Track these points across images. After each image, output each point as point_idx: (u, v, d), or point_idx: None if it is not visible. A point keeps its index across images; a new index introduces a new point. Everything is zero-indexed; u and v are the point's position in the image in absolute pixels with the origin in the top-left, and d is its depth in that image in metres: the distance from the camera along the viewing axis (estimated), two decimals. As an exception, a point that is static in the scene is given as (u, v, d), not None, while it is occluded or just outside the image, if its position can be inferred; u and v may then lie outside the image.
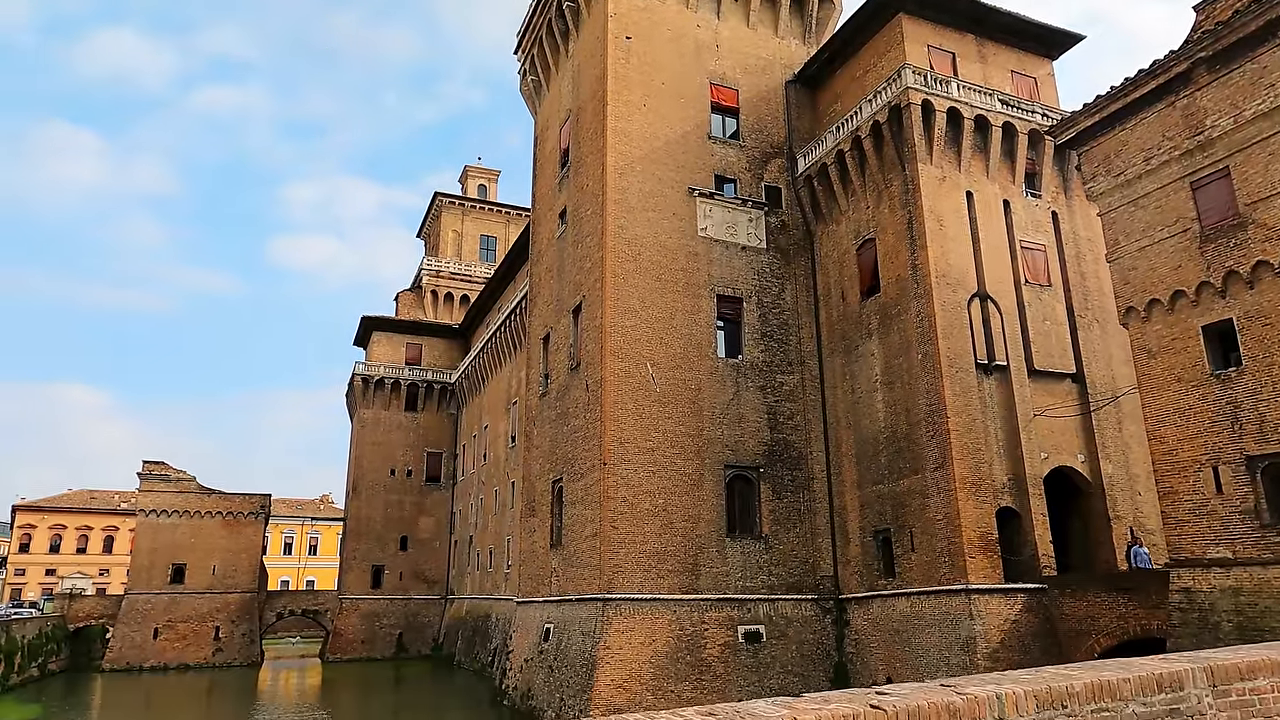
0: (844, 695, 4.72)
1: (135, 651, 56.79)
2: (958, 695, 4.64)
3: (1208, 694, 5.36)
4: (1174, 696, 5.25)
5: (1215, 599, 18.75)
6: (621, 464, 29.67)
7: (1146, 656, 6.04)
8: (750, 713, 4.33)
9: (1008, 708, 4.70)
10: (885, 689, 4.90)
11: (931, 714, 4.48)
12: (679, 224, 33.32)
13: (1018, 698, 4.75)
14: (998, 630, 25.55)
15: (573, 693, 28.26)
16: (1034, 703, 4.79)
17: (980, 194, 30.82)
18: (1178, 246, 20.44)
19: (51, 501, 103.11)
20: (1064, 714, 4.86)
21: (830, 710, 4.31)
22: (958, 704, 4.57)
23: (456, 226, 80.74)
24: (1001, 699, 4.70)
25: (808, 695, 4.77)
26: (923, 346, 28.84)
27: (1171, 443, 20.20)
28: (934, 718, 4.48)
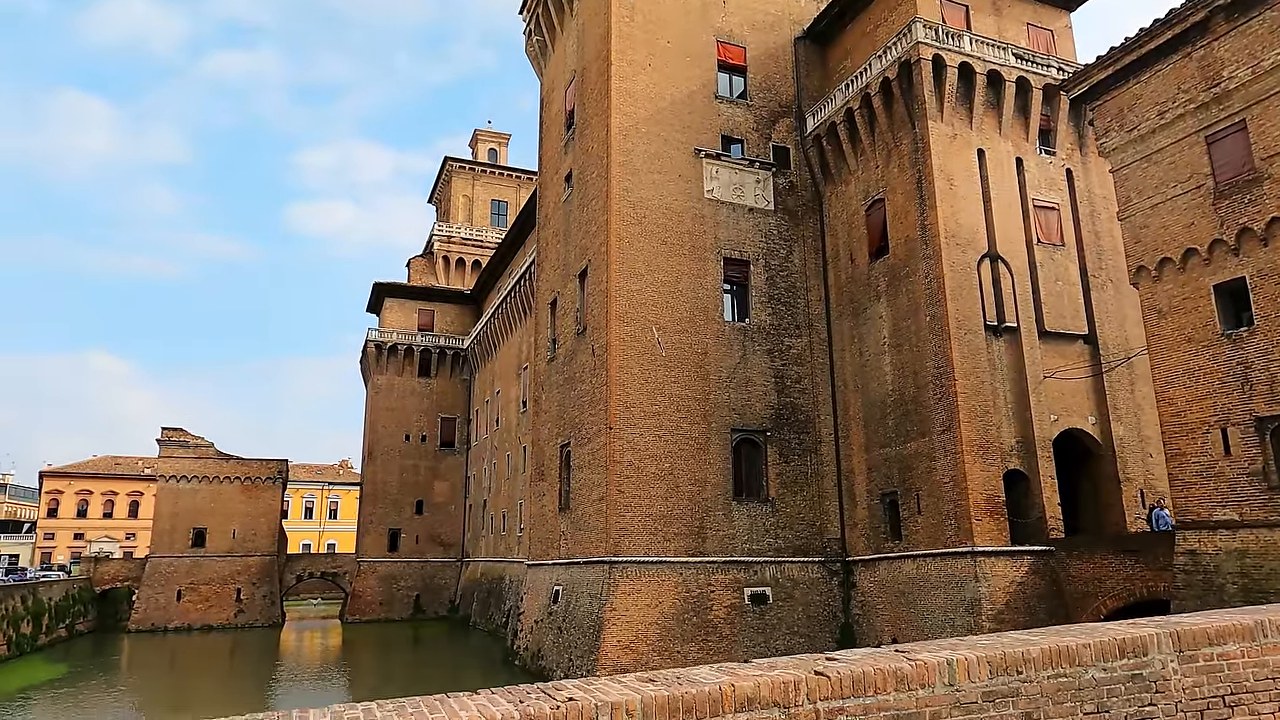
0: (791, 661, 4.66)
1: (160, 613, 58.14)
2: (907, 662, 4.57)
3: (1173, 659, 5.26)
4: (1137, 662, 5.15)
5: (1221, 561, 18.58)
6: (627, 428, 29.69)
7: (1118, 621, 5.93)
8: (690, 678, 4.27)
9: (959, 674, 4.62)
10: (835, 655, 4.83)
11: (878, 680, 4.41)
12: (685, 186, 32.89)
13: (970, 664, 4.66)
14: (1003, 592, 25.53)
15: (580, 653, 28.64)
16: (987, 669, 4.70)
17: (992, 152, 30.14)
18: (1191, 203, 19.90)
19: (77, 468, 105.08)
20: (1019, 680, 4.77)
21: (771, 677, 4.25)
22: (906, 670, 4.50)
23: (467, 191, 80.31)
24: (953, 665, 4.62)
25: (755, 661, 4.71)
26: (931, 308, 28.47)
27: (1180, 404, 19.88)
28: (881, 685, 4.41)
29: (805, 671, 4.36)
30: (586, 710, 3.79)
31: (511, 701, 3.86)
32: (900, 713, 4.41)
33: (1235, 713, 5.37)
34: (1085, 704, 4.93)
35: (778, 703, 4.16)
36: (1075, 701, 4.91)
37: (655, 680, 4.24)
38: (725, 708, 4.04)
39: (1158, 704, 5.14)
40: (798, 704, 4.20)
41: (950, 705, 4.55)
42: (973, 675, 4.65)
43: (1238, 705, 5.39)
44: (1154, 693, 5.15)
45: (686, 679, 4.25)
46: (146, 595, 58.54)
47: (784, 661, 4.65)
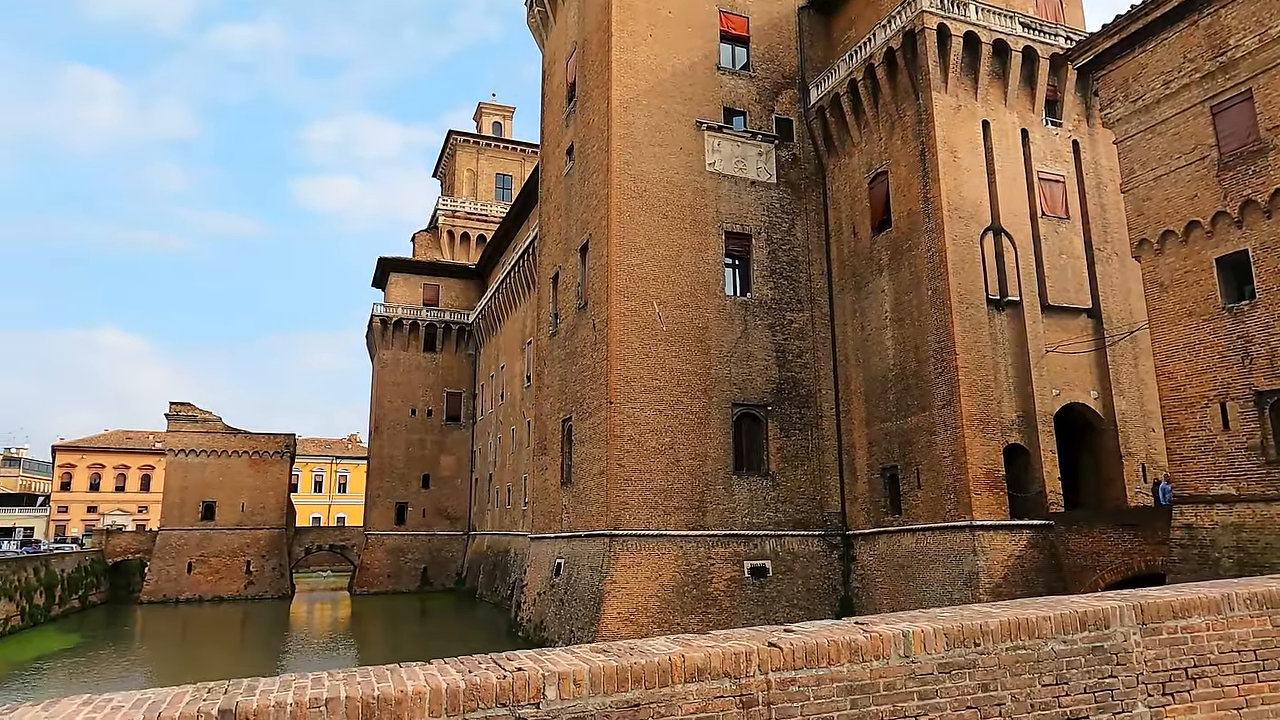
0: (747, 633, 4.69)
1: (171, 584, 59.01)
2: (862, 633, 4.59)
3: (1135, 632, 5.27)
4: (1098, 634, 5.16)
5: (1217, 535, 18.56)
6: (628, 403, 29.74)
7: (1085, 594, 5.94)
8: (642, 649, 4.30)
9: (915, 646, 4.64)
10: (793, 626, 4.86)
11: (831, 652, 4.43)
12: (686, 159, 32.63)
13: (926, 636, 4.68)
14: (1001, 566, 25.62)
15: (581, 625, 28.94)
16: (944, 641, 4.72)
17: (997, 123, 29.75)
18: (1194, 175, 19.64)
19: (89, 442, 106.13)
20: (976, 652, 4.79)
21: (723, 648, 4.28)
22: (861, 642, 4.52)
23: (471, 165, 79.91)
24: (909, 637, 4.64)
25: (713, 632, 4.74)
26: (933, 282, 28.29)
27: (1180, 378, 19.76)
28: (834, 656, 4.43)
29: (759, 643, 4.39)
30: (534, 680, 3.82)
31: (460, 671, 3.90)
32: (854, 684, 4.44)
33: (1198, 684, 5.39)
34: (1044, 676, 4.95)
35: (729, 673, 4.19)
36: (1033, 673, 4.93)
37: (608, 651, 4.28)
38: (675, 678, 4.07)
39: (1118, 675, 5.16)
40: (749, 674, 4.23)
41: (905, 677, 4.58)
42: (929, 647, 4.67)
43: (1200, 677, 5.40)
44: (1115, 665, 5.17)
45: (639, 650, 4.28)
46: (157, 567, 59.38)
47: (740, 633, 4.68)
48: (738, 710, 4.17)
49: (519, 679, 3.81)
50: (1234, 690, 5.49)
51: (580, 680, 3.89)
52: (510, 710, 3.75)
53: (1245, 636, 5.61)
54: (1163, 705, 5.25)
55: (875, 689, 4.49)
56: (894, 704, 4.52)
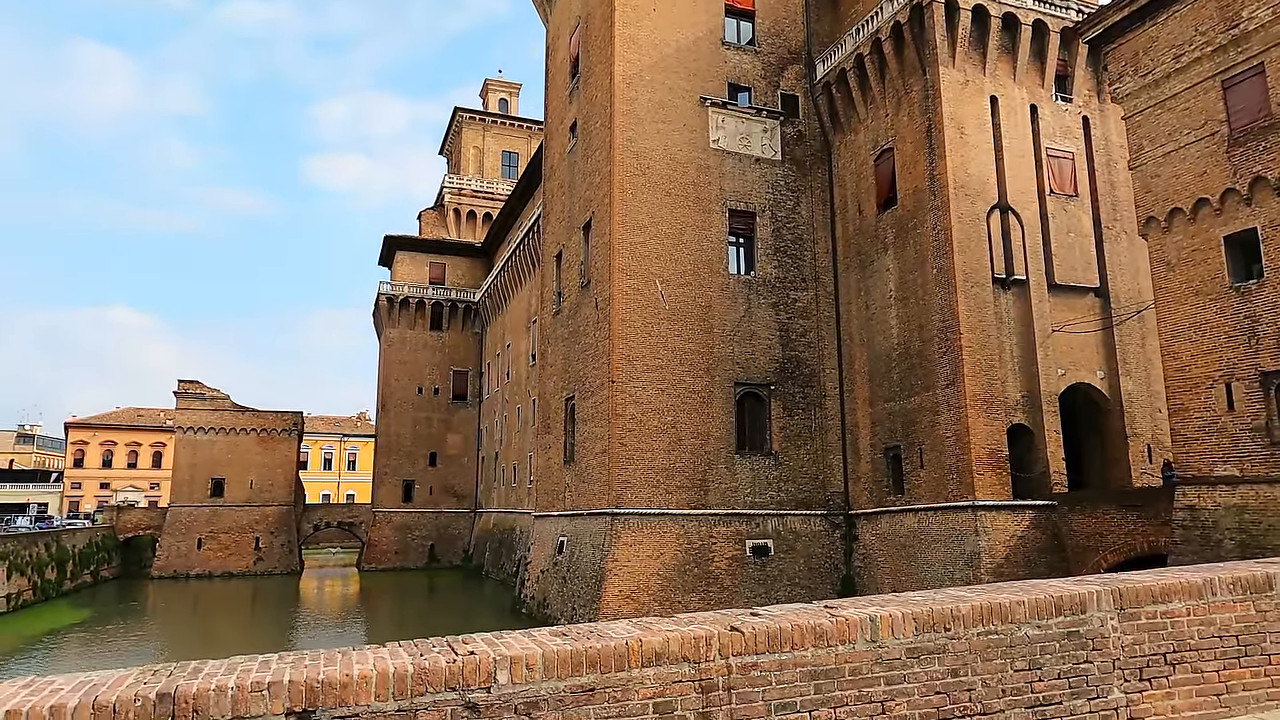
0: (710, 616, 4.61)
1: (181, 560, 59.68)
2: (828, 617, 4.51)
3: (1113, 616, 5.17)
4: (1073, 619, 5.07)
5: (1219, 516, 18.41)
6: (630, 382, 29.67)
7: (1062, 578, 5.84)
8: (602, 632, 4.24)
9: (882, 630, 4.56)
10: (759, 610, 4.78)
11: (795, 636, 4.35)
12: (690, 136, 32.29)
13: (894, 620, 4.60)
14: (1003, 546, 25.55)
15: (583, 603, 29.09)
16: (913, 625, 4.64)
17: (1005, 98, 29.28)
18: (1204, 151, 19.27)
19: (101, 419, 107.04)
20: (946, 637, 4.71)
21: (683, 632, 4.20)
22: (826, 626, 4.44)
23: (478, 143, 79.48)
24: (876, 621, 4.56)
25: (677, 616, 4.67)
26: (938, 260, 28.00)
27: (1185, 358, 19.52)
28: (798, 641, 4.36)
29: (720, 627, 4.31)
30: (485, 664, 3.76)
31: (411, 655, 3.84)
32: (818, 669, 4.37)
33: (1177, 670, 5.29)
34: (1016, 661, 4.87)
35: (688, 658, 4.12)
36: (1005, 659, 4.84)
37: (566, 634, 4.21)
38: (632, 662, 4.00)
39: (1094, 661, 5.07)
40: (709, 659, 4.16)
41: (871, 662, 4.50)
42: (897, 632, 4.59)
43: (1180, 663, 5.31)
44: (1090, 650, 5.08)
45: (597, 633, 4.22)
46: (168, 543, 60.03)
47: (703, 616, 4.61)
48: (697, 695, 4.10)
49: (469, 663, 3.74)
50: (1214, 676, 5.40)
51: (533, 664, 3.83)
52: (460, 694, 3.69)
53: (1227, 622, 5.51)
54: (1139, 691, 5.17)
55: (840, 674, 4.42)
56: (859, 689, 4.44)
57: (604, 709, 3.91)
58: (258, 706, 3.40)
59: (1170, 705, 5.22)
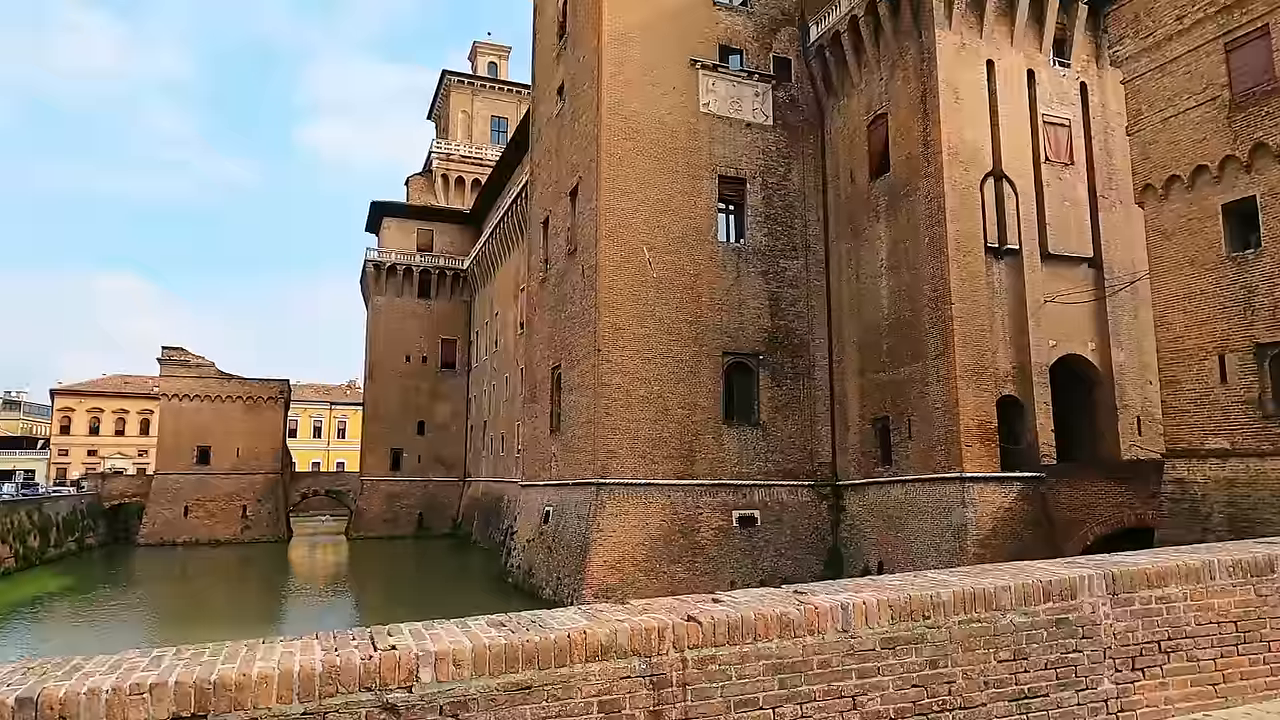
0: (667, 604, 4.21)
1: (168, 527, 59.39)
2: (796, 606, 4.11)
3: (1105, 602, 4.80)
4: (1063, 605, 4.69)
5: (1208, 490, 18.19)
6: (616, 350, 29.23)
7: (1051, 560, 5.46)
8: (545, 622, 3.83)
9: (856, 619, 4.17)
10: (721, 596, 4.38)
11: (759, 626, 3.96)
12: (680, 99, 31.51)
13: (869, 608, 4.21)
14: (990, 518, 25.39)
15: (568, 572, 28.91)
16: (889, 614, 4.25)
17: (1002, 63, 28.60)
18: (1205, 117, 18.75)
19: (88, 386, 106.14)
20: (925, 626, 4.33)
21: (634, 622, 3.80)
22: (793, 616, 4.04)
23: (466, 107, 78.07)
24: (849, 610, 4.16)
25: (632, 602, 4.27)
26: (930, 229, 27.50)
27: (1179, 329, 19.17)
28: (762, 631, 3.96)
29: (676, 616, 3.91)
30: (406, 660, 3.35)
31: (325, 650, 3.42)
32: (783, 661, 3.98)
33: (1171, 658, 4.94)
34: (1000, 650, 4.50)
35: (638, 651, 3.72)
36: (989, 648, 4.47)
37: (505, 624, 3.80)
38: (574, 658, 3.60)
39: (1084, 649, 4.71)
40: (662, 652, 3.76)
41: (843, 654, 4.11)
42: (871, 621, 4.20)
43: (1175, 651, 4.95)
44: (1080, 638, 4.71)
45: (539, 623, 3.81)
46: (154, 511, 59.69)
47: (660, 603, 4.20)
48: (648, 692, 3.71)
49: (388, 660, 3.33)
50: (1210, 664, 5.05)
51: (462, 660, 3.42)
52: (377, 695, 3.28)
53: (1226, 607, 5.16)
54: (1132, 681, 4.82)
55: (808, 667, 4.03)
56: (829, 683, 4.06)
57: (542, 708, 3.51)
58: (137, 712, 2.98)
59: (1164, 696, 4.87)
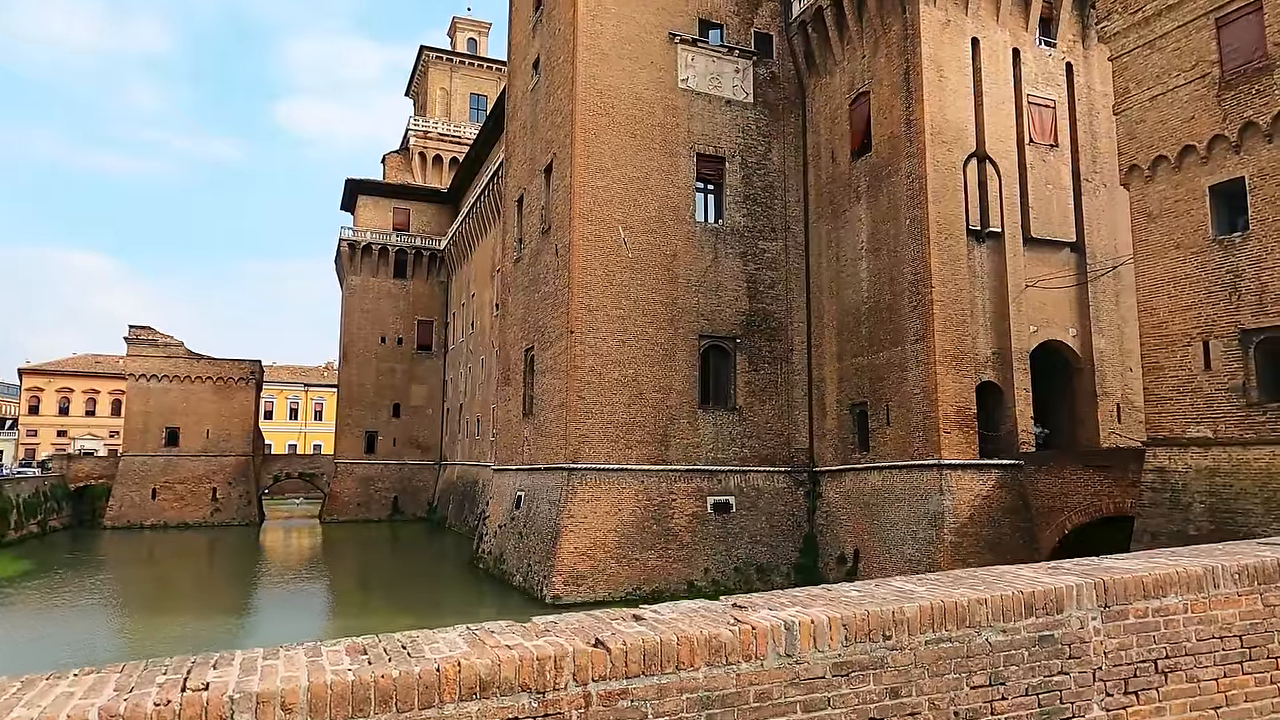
0: (573, 624, 3.49)
1: (135, 510, 58.14)
2: (730, 625, 3.40)
3: (1095, 616, 4.13)
4: (1047, 620, 4.02)
5: (1189, 479, 17.75)
6: (589, 332, 28.45)
7: (1033, 566, 4.79)
8: (415, 649, 3.10)
9: (802, 640, 3.47)
10: (645, 612, 3.67)
11: (682, 653, 3.25)
12: (657, 74, 30.60)
13: (818, 627, 3.51)
14: (968, 506, 24.95)
15: (539, 559, 28.25)
16: (841, 633, 3.56)
17: (987, 41, 27.91)
18: (1193, 95, 18.15)
19: (57, 365, 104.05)
20: (886, 647, 3.64)
21: (524, 650, 3.08)
22: (724, 639, 3.34)
23: (444, 84, 76.49)
24: (794, 630, 3.46)
25: (528, 624, 3.54)
26: (911, 210, 26.87)
27: (1162, 314, 18.66)
28: (686, 658, 3.26)
29: (581, 640, 3.19)
30: (217, 707, 2.61)
31: (120, 688, 2.68)
32: (713, 694, 3.28)
33: (1169, 679, 4.29)
34: (974, 674, 3.83)
35: (529, 687, 3.00)
36: (961, 673, 3.79)
37: (367, 652, 3.07)
38: (446, 695, 2.88)
39: (1070, 671, 4.05)
40: (560, 687, 3.05)
41: (786, 682, 3.42)
42: (821, 642, 3.51)
43: (1173, 671, 4.30)
44: (1067, 658, 4.05)
45: (409, 650, 3.08)
46: (121, 493, 58.41)
47: (565, 624, 3.48)
48: (540, 736, 2.99)
49: (192, 705, 2.58)
50: (1212, 685, 4.41)
51: (292, 703, 2.69)
52: (175, 752, 2.53)
53: (1230, 619, 4.51)
54: (1124, 706, 4.17)
55: (743, 700, 3.34)
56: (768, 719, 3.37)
57: (400, 762, 2.79)
58: None
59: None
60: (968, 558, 24.33)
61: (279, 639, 14.45)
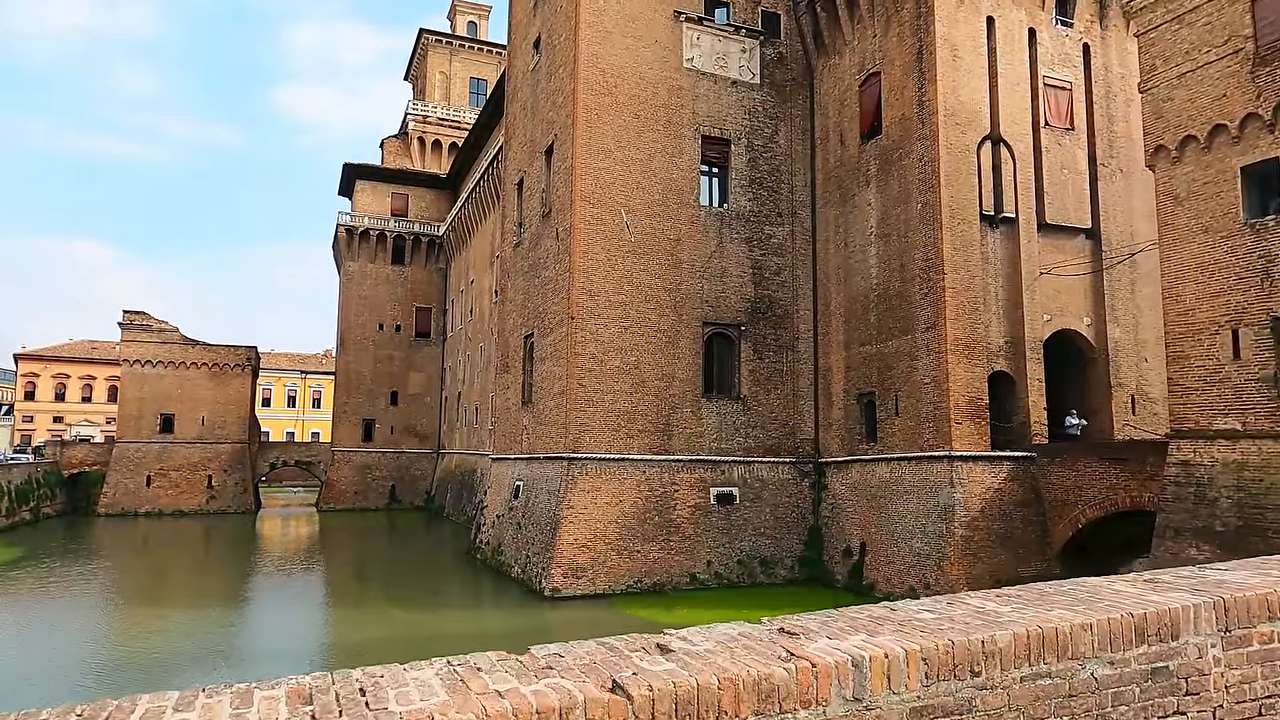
0: (585, 658, 2.75)
1: (129, 497, 57.45)
2: (783, 661, 2.66)
3: (1215, 643, 3.40)
4: (1162, 649, 3.29)
5: (1216, 473, 17.03)
6: (590, 319, 27.68)
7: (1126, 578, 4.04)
8: (379, 695, 2.37)
9: (874, 681, 2.73)
10: (673, 637, 2.92)
11: (724, 700, 2.51)
12: (662, 53, 29.71)
13: (892, 663, 2.77)
14: (979, 499, 24.25)
15: (537, 550, 27.58)
16: (921, 669, 2.82)
17: (1003, 20, 27.04)
18: (1225, 71, 17.33)
19: (52, 351, 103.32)
20: (974, 686, 2.90)
21: (522, 701, 2.34)
22: (778, 680, 2.60)
23: (444, 68, 75.39)
24: (863, 666, 2.72)
25: (534, 651, 2.80)
26: (923, 195, 26.05)
27: (1189, 301, 17.90)
28: (730, 707, 2.52)
29: (592, 684, 2.45)
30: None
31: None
32: (763, 751, 2.53)
33: (1297, 718, 3.55)
34: (1078, 717, 3.09)
35: (526, 747, 2.26)
36: (1062, 715, 3.06)
37: (314, 700, 2.33)
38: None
39: (1188, 711, 3.32)
40: (567, 748, 2.30)
41: (853, 734, 2.67)
42: (896, 682, 2.77)
43: (1303, 707, 3.56)
44: (1183, 695, 3.32)
45: (374, 699, 2.33)
46: (115, 480, 57.71)
47: (577, 656, 2.74)
48: (540, 815, 2.25)
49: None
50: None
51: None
52: None
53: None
54: (1246, 752, 3.42)
55: (801, 758, 2.59)
56: (832, 782, 2.63)
57: None
58: None
59: (1287, 770, 3.49)
60: (978, 552, 23.67)
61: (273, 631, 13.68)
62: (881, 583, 25.83)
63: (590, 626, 23.20)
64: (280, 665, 19.36)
